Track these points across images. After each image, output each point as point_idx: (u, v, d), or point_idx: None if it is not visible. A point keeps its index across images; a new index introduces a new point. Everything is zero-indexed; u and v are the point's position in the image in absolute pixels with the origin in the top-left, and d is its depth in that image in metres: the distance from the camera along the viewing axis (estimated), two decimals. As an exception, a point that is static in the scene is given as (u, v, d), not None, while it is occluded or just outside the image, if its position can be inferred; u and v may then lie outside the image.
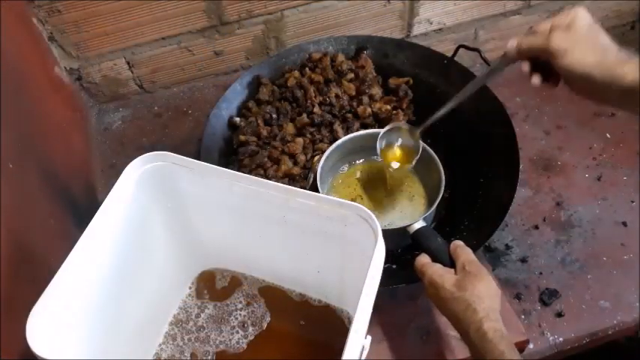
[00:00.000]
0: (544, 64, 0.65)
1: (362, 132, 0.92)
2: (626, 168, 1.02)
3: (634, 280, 0.87)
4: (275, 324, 0.80)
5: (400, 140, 0.88)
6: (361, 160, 0.95)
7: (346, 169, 0.95)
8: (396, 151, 0.89)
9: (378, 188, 0.91)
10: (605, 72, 0.60)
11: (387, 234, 0.79)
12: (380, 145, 0.87)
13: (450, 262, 0.71)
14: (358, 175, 0.94)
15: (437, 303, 0.70)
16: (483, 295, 0.65)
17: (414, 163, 0.86)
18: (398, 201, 0.90)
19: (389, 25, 1.16)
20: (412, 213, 0.88)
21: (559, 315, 0.84)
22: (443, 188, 0.83)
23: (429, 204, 0.87)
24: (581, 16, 0.63)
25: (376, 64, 1.03)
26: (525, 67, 0.67)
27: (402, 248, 0.84)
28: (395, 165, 0.87)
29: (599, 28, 0.63)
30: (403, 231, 0.79)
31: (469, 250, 0.71)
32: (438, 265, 0.71)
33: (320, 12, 1.10)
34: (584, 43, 0.61)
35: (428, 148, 0.87)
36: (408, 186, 0.91)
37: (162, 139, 1.09)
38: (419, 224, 0.78)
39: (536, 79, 0.67)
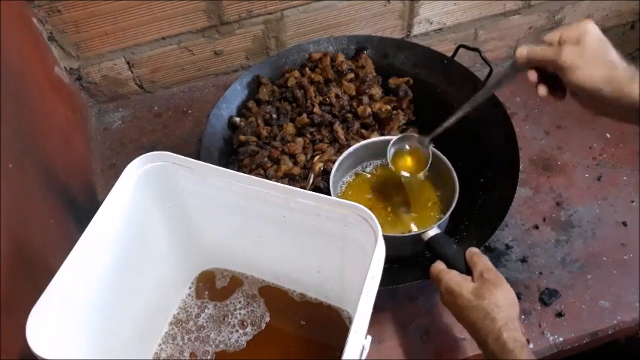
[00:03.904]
0: (551, 75, 0.66)
1: (374, 139, 0.91)
2: (626, 168, 1.02)
3: (634, 280, 0.87)
4: (275, 324, 0.80)
5: (409, 147, 0.88)
6: (372, 166, 0.94)
7: (358, 174, 0.93)
8: (407, 160, 0.88)
9: (391, 194, 0.90)
10: (615, 88, 0.60)
11: (402, 241, 0.79)
12: (390, 153, 0.87)
13: (466, 270, 0.71)
14: (370, 181, 0.92)
15: (454, 311, 0.69)
16: (502, 303, 0.64)
17: (425, 170, 0.86)
18: (412, 207, 0.89)
19: (389, 25, 1.16)
20: (426, 219, 0.86)
21: (559, 315, 0.84)
22: (457, 194, 0.82)
23: (443, 210, 0.86)
24: (591, 31, 0.62)
25: (376, 64, 1.03)
26: (533, 76, 0.67)
27: (415, 255, 0.83)
28: (406, 174, 0.87)
29: (607, 42, 0.63)
30: (418, 238, 0.78)
31: (486, 258, 0.70)
32: (455, 272, 0.70)
33: (320, 12, 1.10)
34: (593, 58, 0.61)
35: (440, 153, 0.86)
36: (421, 192, 0.90)
37: (163, 139, 1.09)
38: (433, 231, 0.77)
39: (542, 90, 0.68)
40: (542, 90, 0.68)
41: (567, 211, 0.97)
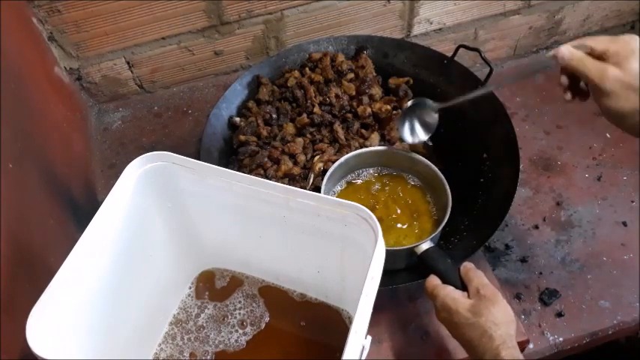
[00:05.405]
0: (578, 80, 0.67)
1: (365, 149, 0.90)
2: (626, 168, 1.02)
3: (634, 280, 0.87)
4: (275, 323, 0.80)
5: (419, 119, 0.88)
6: (365, 174, 0.92)
7: (349, 183, 0.92)
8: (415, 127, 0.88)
9: (383, 203, 0.89)
10: (637, 118, 0.61)
11: (394, 254, 0.78)
12: (401, 125, 0.87)
13: (461, 284, 0.70)
14: (362, 192, 0.90)
15: (449, 327, 0.68)
16: (499, 321, 0.63)
17: (429, 135, 0.87)
18: (404, 220, 0.87)
19: (389, 25, 1.16)
20: (419, 232, 0.85)
21: (559, 315, 0.84)
22: (450, 208, 0.81)
23: (436, 223, 0.85)
24: (637, 54, 0.61)
25: (376, 64, 1.03)
26: (564, 80, 0.68)
27: (409, 268, 0.82)
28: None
29: None
30: (410, 251, 0.77)
31: (481, 273, 0.70)
32: (451, 288, 0.69)
33: (320, 12, 1.10)
34: (629, 90, 0.61)
35: (434, 166, 0.86)
36: (414, 205, 0.89)
37: (162, 139, 1.09)
38: (426, 245, 0.76)
39: (568, 96, 0.68)
40: (568, 96, 0.68)
41: (567, 211, 0.97)
